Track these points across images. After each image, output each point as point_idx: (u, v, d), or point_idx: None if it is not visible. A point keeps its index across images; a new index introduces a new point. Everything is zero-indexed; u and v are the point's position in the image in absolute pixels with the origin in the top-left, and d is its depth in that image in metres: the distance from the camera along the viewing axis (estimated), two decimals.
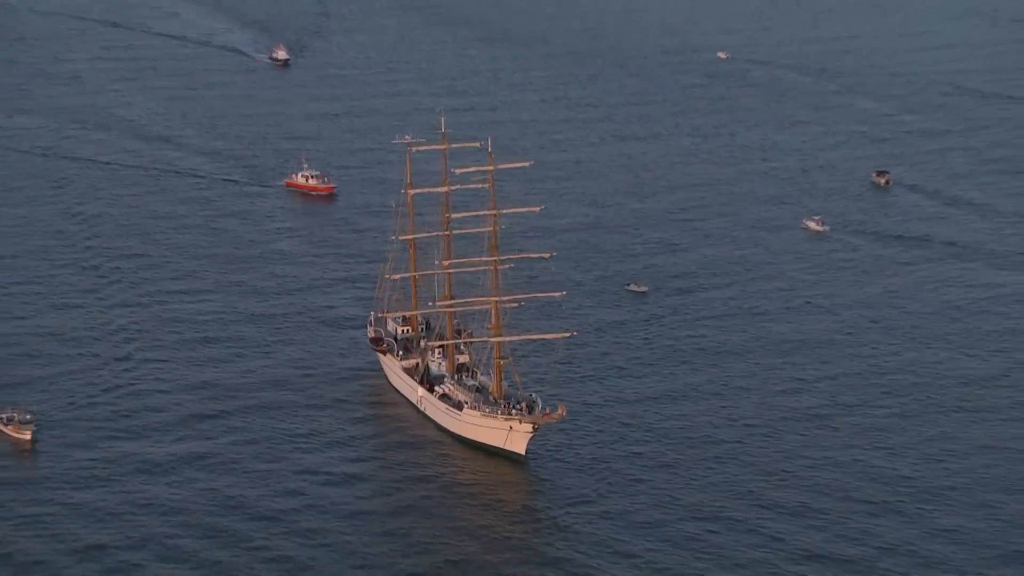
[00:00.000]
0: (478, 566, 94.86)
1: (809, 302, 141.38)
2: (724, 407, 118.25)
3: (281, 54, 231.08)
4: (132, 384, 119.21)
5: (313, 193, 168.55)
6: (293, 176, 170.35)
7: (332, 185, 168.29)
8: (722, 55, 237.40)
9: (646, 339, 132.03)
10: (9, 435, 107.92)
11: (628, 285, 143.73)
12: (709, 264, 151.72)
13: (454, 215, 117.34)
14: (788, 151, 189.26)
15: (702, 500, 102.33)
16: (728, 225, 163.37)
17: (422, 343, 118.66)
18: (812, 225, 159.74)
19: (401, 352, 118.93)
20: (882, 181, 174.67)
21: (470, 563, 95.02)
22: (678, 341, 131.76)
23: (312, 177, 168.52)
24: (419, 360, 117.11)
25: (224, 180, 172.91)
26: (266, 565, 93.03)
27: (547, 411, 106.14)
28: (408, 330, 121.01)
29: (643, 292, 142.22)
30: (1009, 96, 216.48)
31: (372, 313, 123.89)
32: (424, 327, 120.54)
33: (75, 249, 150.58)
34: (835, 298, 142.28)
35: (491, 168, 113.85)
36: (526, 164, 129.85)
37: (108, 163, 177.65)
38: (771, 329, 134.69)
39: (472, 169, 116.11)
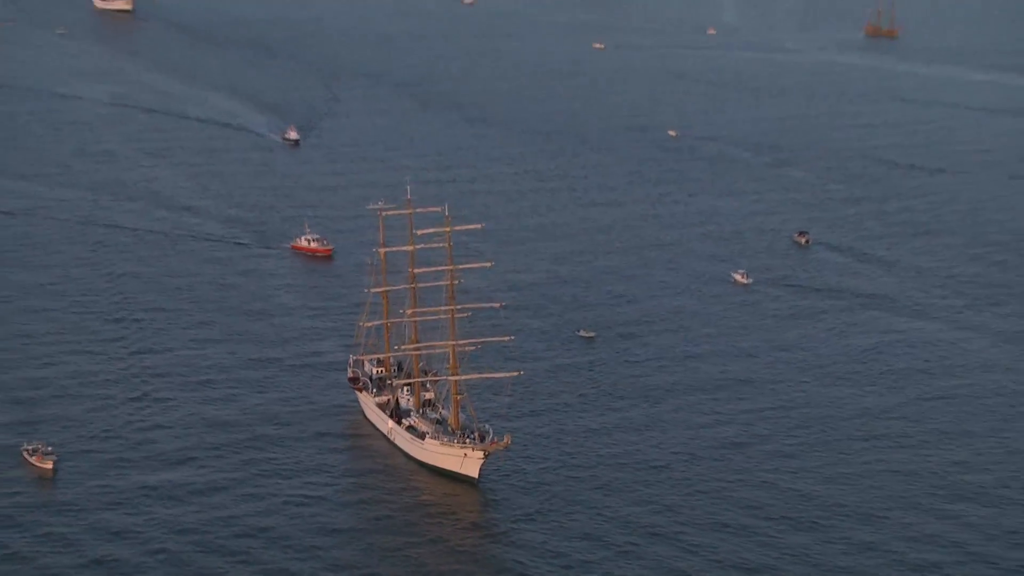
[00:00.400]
0: (435, 571, 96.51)
1: (733, 346, 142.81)
2: (654, 436, 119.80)
3: (292, 135, 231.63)
4: (142, 421, 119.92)
5: (313, 254, 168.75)
6: (297, 239, 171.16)
7: (330, 247, 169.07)
8: (672, 133, 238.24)
9: (591, 379, 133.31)
10: (34, 465, 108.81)
11: (578, 331, 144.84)
12: (649, 313, 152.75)
13: (419, 270, 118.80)
14: (725, 215, 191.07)
15: (630, 515, 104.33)
16: (668, 279, 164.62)
17: (393, 382, 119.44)
18: (738, 278, 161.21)
19: (375, 390, 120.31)
20: (803, 240, 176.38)
21: (429, 569, 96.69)
22: (619, 380, 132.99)
23: (313, 240, 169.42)
24: (390, 397, 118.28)
25: (235, 243, 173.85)
26: (249, 572, 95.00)
27: (495, 440, 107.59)
28: (382, 370, 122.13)
29: (591, 337, 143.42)
30: (918, 167, 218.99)
31: (351, 356, 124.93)
32: (396, 368, 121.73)
33: (103, 304, 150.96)
34: (756, 342, 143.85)
35: (448, 230, 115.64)
36: (478, 227, 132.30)
37: (136, 229, 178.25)
38: (699, 369, 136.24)
39: (431, 231, 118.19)
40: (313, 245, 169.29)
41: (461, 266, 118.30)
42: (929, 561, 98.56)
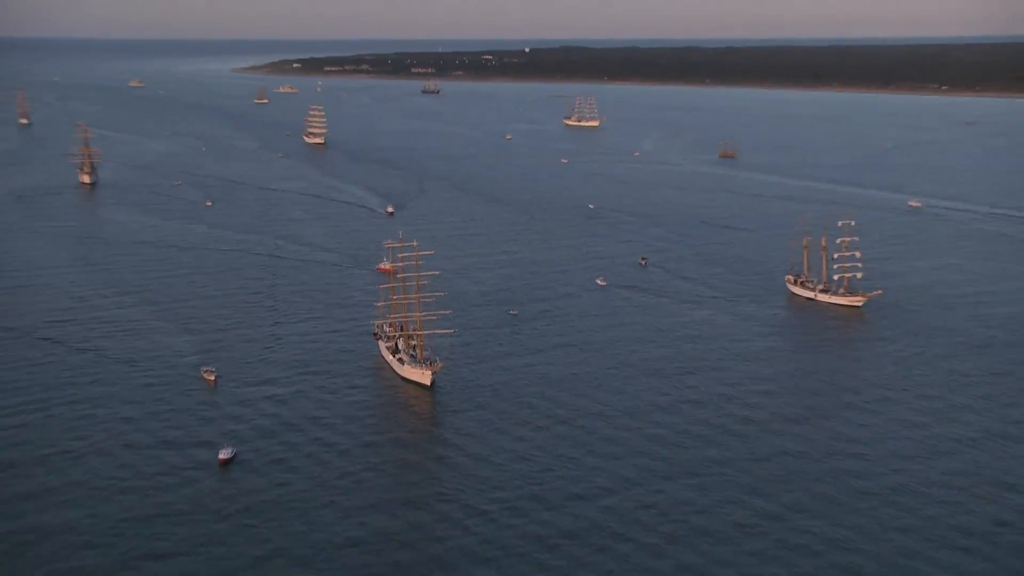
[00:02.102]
0: (404, 426, 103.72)
1: (593, 321, 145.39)
2: (545, 367, 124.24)
3: (390, 209, 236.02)
4: (266, 358, 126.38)
5: (387, 272, 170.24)
6: (380, 264, 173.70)
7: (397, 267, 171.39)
8: (591, 206, 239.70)
9: (513, 337, 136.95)
10: (204, 377, 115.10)
11: (509, 310, 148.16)
12: (551, 301, 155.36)
13: (405, 274, 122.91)
14: (605, 250, 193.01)
15: (528, 409, 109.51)
16: (564, 283, 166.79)
17: (395, 334, 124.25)
18: (599, 282, 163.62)
19: (386, 339, 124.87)
20: (643, 263, 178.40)
21: (401, 425, 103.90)
22: (530, 338, 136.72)
23: (389, 264, 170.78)
24: (393, 343, 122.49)
25: (343, 266, 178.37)
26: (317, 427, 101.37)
27: (434, 365, 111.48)
28: (390, 329, 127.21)
29: (516, 314, 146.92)
30: (724, 227, 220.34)
31: (374, 322, 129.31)
32: (399, 327, 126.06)
33: (262, 296, 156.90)
34: (605, 320, 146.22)
35: (415, 253, 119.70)
36: (431, 252, 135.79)
37: (290, 259, 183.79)
38: (573, 333, 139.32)
39: (407, 253, 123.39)
40: (388, 267, 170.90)
41: (423, 273, 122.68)
42: (700, 433, 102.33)
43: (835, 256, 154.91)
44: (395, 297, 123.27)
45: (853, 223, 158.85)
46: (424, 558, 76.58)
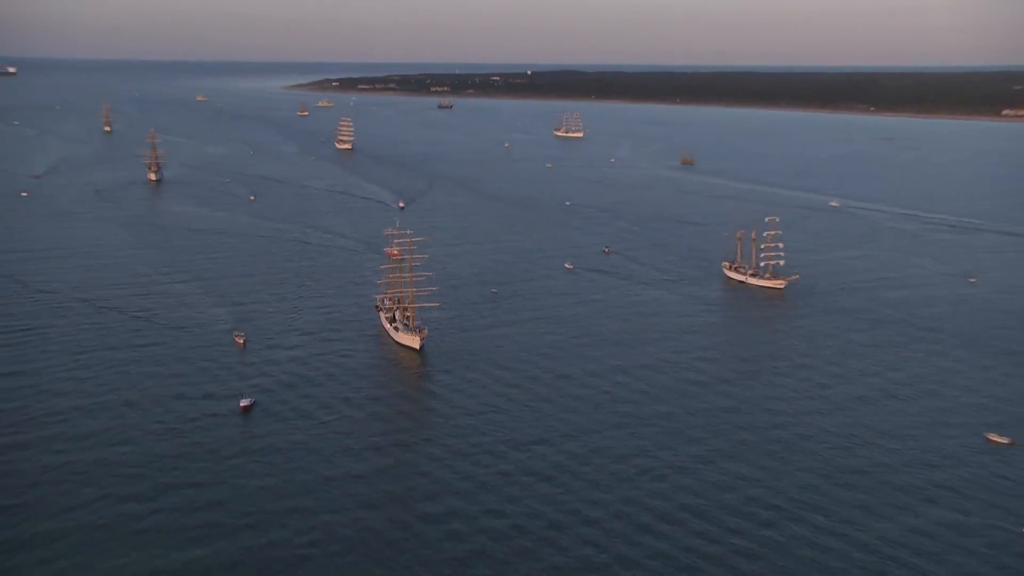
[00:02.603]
0: (398, 379, 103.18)
1: (561, 299, 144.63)
2: (520, 335, 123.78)
3: (401, 204, 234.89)
4: (287, 324, 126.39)
5: (395, 256, 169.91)
6: (389, 248, 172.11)
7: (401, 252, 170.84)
8: (568, 203, 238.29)
9: (492, 311, 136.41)
10: (236, 341, 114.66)
11: (492, 289, 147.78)
12: (527, 281, 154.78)
13: (404, 257, 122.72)
14: (576, 239, 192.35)
15: (502, 370, 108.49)
16: (538, 265, 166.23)
17: (393, 307, 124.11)
18: (568, 266, 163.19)
19: (386, 311, 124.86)
20: (606, 250, 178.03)
21: (396, 382, 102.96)
22: (507, 311, 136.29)
23: (397, 248, 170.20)
24: (392, 314, 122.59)
25: (356, 250, 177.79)
26: (328, 381, 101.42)
27: (422, 332, 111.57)
28: (390, 302, 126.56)
29: (496, 292, 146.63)
30: (679, 222, 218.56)
31: (376, 296, 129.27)
32: (396, 300, 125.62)
33: (288, 275, 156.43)
34: (572, 298, 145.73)
35: (410, 240, 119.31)
36: (423, 238, 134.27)
37: (314, 244, 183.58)
38: (544, 309, 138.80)
39: (403, 240, 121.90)
40: (396, 252, 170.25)
41: (416, 256, 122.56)
42: (646, 391, 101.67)
43: (762, 246, 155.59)
44: (393, 276, 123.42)
45: (778, 219, 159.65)
46: (411, 488, 77.42)
